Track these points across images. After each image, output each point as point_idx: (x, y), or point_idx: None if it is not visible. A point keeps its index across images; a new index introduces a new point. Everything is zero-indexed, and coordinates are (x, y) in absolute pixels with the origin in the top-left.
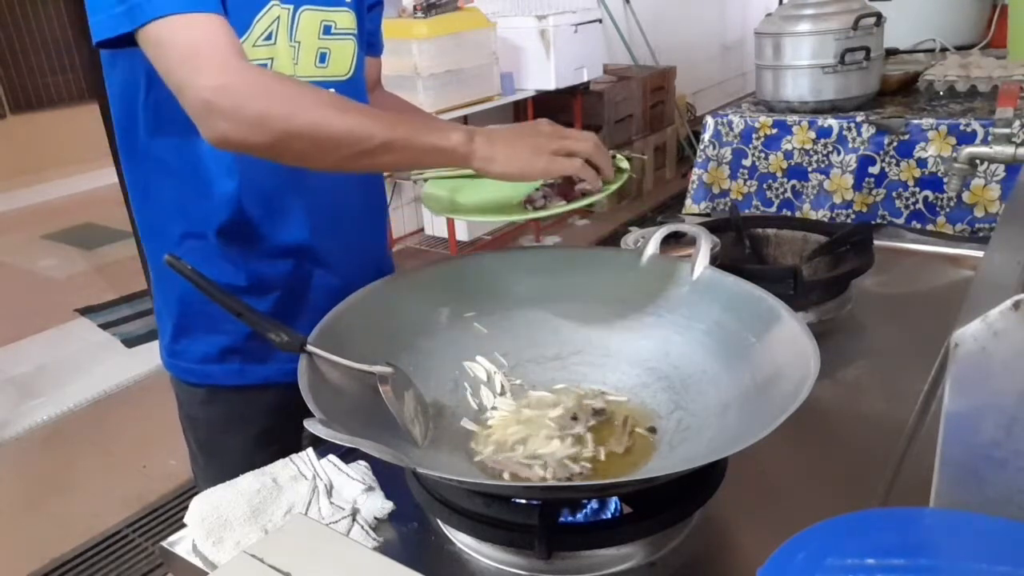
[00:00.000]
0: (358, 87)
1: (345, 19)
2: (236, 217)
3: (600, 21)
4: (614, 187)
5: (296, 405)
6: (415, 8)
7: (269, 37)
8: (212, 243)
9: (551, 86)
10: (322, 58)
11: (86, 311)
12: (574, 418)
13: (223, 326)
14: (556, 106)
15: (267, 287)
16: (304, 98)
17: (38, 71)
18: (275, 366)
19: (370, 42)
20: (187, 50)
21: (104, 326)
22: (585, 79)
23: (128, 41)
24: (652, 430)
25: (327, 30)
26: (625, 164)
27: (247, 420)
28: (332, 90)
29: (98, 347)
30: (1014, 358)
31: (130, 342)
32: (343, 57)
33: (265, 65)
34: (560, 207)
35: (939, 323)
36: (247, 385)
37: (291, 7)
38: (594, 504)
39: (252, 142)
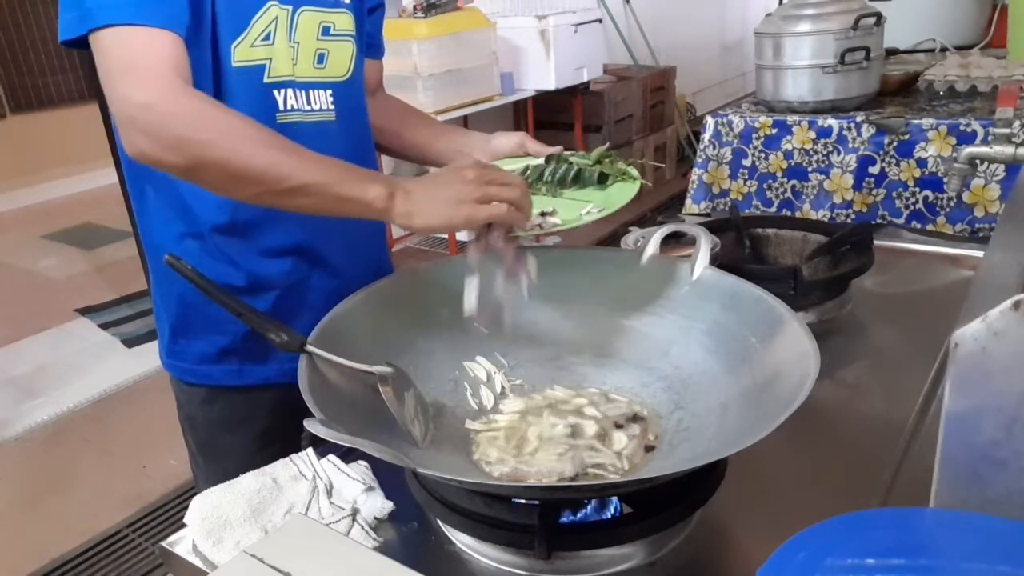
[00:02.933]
0: (356, 88)
1: (344, 20)
2: (233, 217)
3: (600, 21)
4: (627, 199)
5: (295, 405)
6: (415, 8)
7: (267, 37)
8: (210, 243)
9: (551, 86)
10: (320, 59)
11: (86, 311)
12: (619, 426)
13: (222, 326)
14: (556, 106)
15: (266, 287)
16: (228, 129)
17: (38, 71)
18: (274, 366)
19: (370, 44)
20: (124, 63)
21: (104, 326)
22: (585, 79)
23: (87, 45)
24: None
25: (326, 31)
26: (635, 173)
27: (246, 420)
28: (330, 91)
29: (98, 347)
30: (1014, 358)
31: (130, 342)
32: (342, 58)
33: (263, 66)
34: (567, 224)
35: (939, 323)
36: (246, 385)
37: (290, 8)
38: (594, 504)
39: (166, 162)
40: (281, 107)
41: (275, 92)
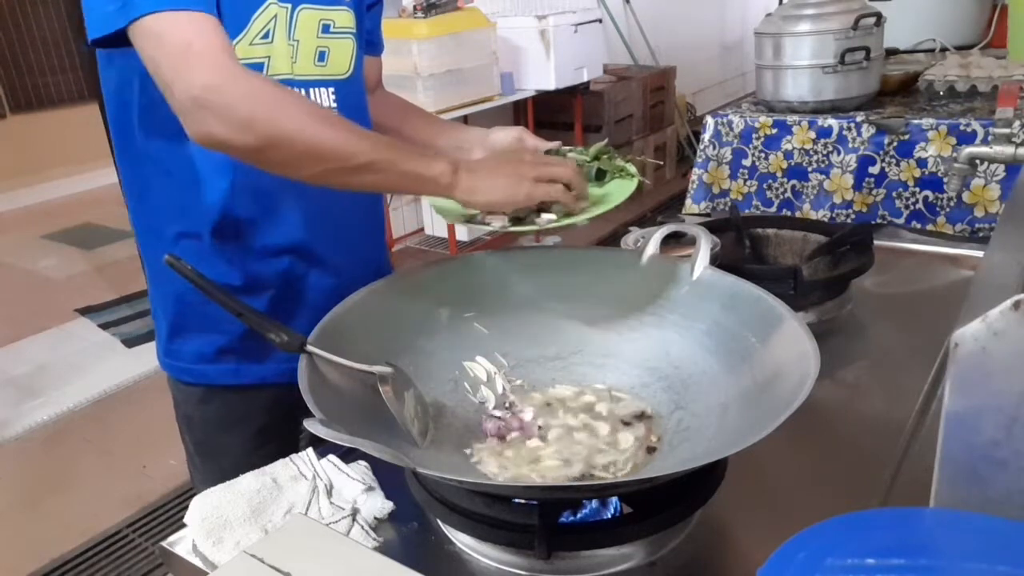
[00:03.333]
0: (357, 86)
1: (344, 18)
2: (230, 216)
3: (600, 21)
4: (625, 196)
5: (293, 405)
6: (415, 8)
7: (266, 35)
8: (207, 243)
9: (551, 86)
10: (321, 56)
11: (86, 311)
12: (625, 424)
13: (219, 326)
14: (556, 106)
15: (263, 286)
16: (296, 107)
17: (38, 71)
18: (271, 366)
19: (370, 41)
20: (179, 47)
21: (104, 326)
22: (585, 79)
23: (122, 40)
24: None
25: (326, 29)
26: (633, 170)
27: (243, 420)
28: (332, 89)
29: (98, 347)
30: (1014, 358)
31: (130, 342)
32: (342, 56)
33: (262, 64)
34: (571, 219)
35: (939, 323)
36: (243, 385)
37: (289, 6)
38: (594, 504)
39: (237, 143)
40: None
41: None
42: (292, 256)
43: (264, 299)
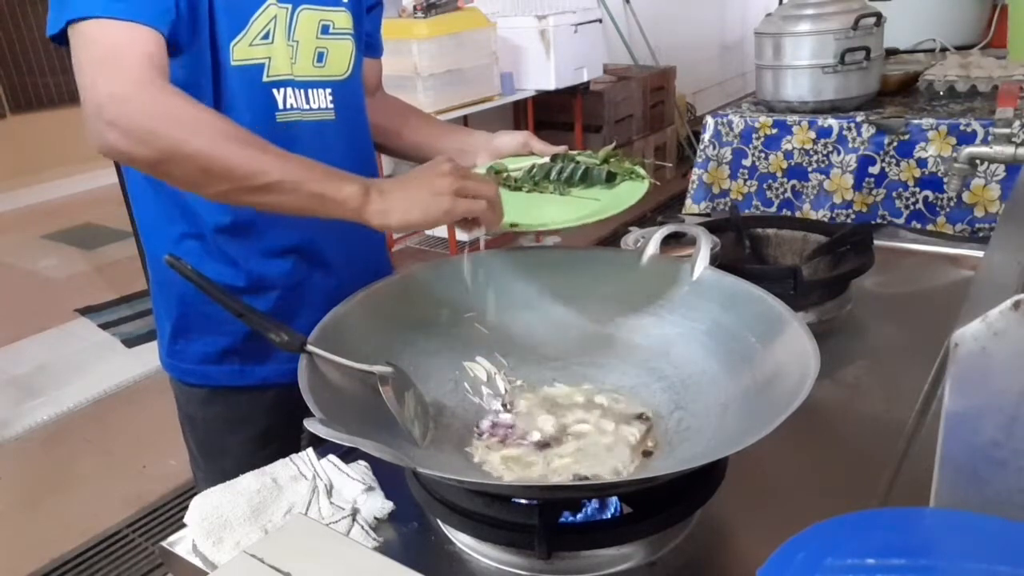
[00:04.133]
0: (355, 87)
1: (343, 19)
2: (235, 217)
3: (600, 21)
4: (637, 198)
5: (295, 405)
6: (415, 8)
7: (266, 36)
8: (211, 244)
9: (551, 86)
10: (320, 57)
11: (86, 311)
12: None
13: (222, 327)
14: (556, 106)
15: (266, 287)
16: (200, 124)
17: (38, 71)
18: (274, 367)
19: (369, 43)
20: (100, 53)
21: (104, 326)
22: (585, 79)
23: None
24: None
25: (325, 30)
26: (643, 172)
27: (246, 420)
28: (329, 89)
29: (98, 347)
30: (1014, 358)
31: (130, 342)
32: (341, 57)
33: (262, 65)
34: (580, 219)
35: (939, 323)
36: (246, 386)
37: (289, 6)
38: (594, 504)
39: (136, 155)
40: (280, 106)
41: (274, 91)
42: (296, 257)
43: (268, 300)
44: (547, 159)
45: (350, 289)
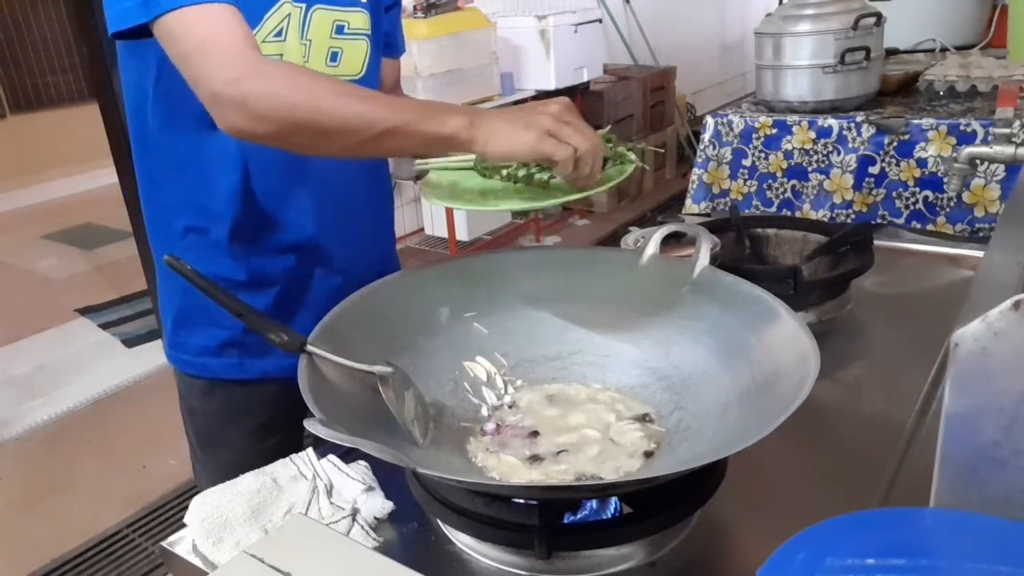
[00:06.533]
0: (371, 87)
1: (359, 19)
2: (240, 212)
3: (600, 21)
4: (620, 180)
5: (295, 400)
6: (415, 8)
7: (279, 34)
8: (214, 238)
9: (551, 86)
10: (333, 57)
11: (86, 311)
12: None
13: (222, 320)
14: None
15: (267, 283)
16: (310, 89)
17: (38, 71)
18: (274, 361)
19: (388, 43)
20: (199, 43)
21: (104, 326)
22: (585, 79)
23: (143, 32)
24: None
25: (339, 30)
26: (632, 157)
27: (245, 413)
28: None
29: (98, 347)
30: (1014, 358)
31: (130, 342)
32: (355, 57)
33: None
34: (558, 198)
35: (939, 323)
36: (245, 379)
37: (303, 6)
38: (594, 504)
39: (260, 133)
40: None
41: None
42: (299, 254)
43: (269, 296)
44: None
45: (355, 287)
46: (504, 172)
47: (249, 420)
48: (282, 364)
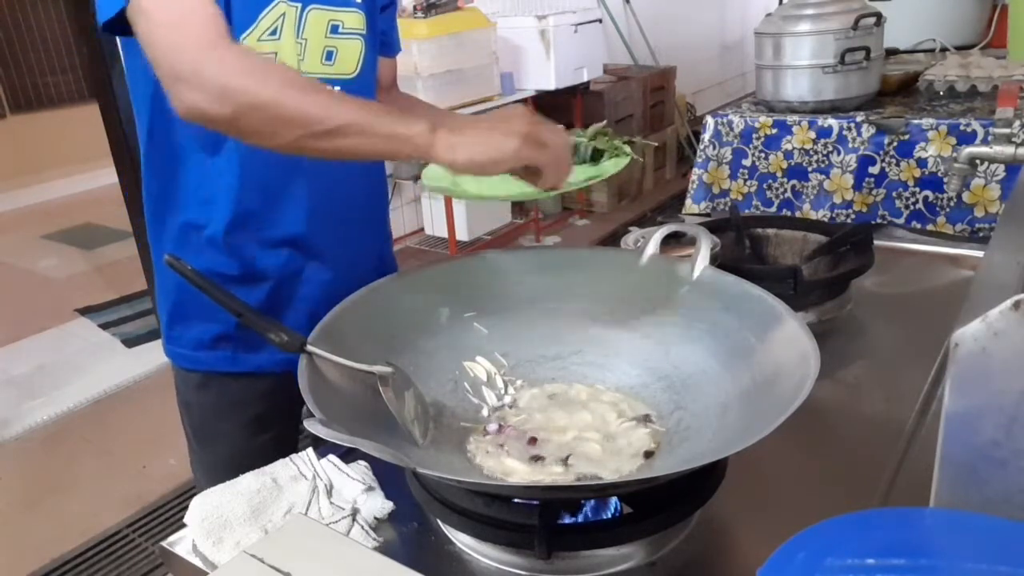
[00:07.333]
0: (365, 86)
1: (354, 19)
2: (234, 209)
3: (600, 21)
4: (616, 171)
5: (289, 394)
6: (415, 8)
7: (274, 32)
8: (209, 234)
9: (551, 86)
10: (328, 56)
11: (86, 311)
12: (627, 424)
13: (216, 314)
14: (556, 106)
15: (260, 277)
16: (269, 76)
17: (38, 71)
18: (268, 355)
19: (384, 42)
20: (167, 24)
21: (104, 326)
22: (585, 79)
23: (127, 24)
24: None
25: (334, 29)
26: (628, 150)
27: (239, 406)
28: (338, 88)
29: (98, 347)
30: (1014, 358)
31: (130, 342)
32: (350, 56)
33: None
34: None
35: (939, 323)
36: (239, 372)
37: (299, 5)
38: (594, 504)
39: (213, 113)
40: None
41: None
42: (291, 249)
43: (262, 291)
44: None
45: (347, 283)
46: None
47: (243, 413)
48: (276, 358)
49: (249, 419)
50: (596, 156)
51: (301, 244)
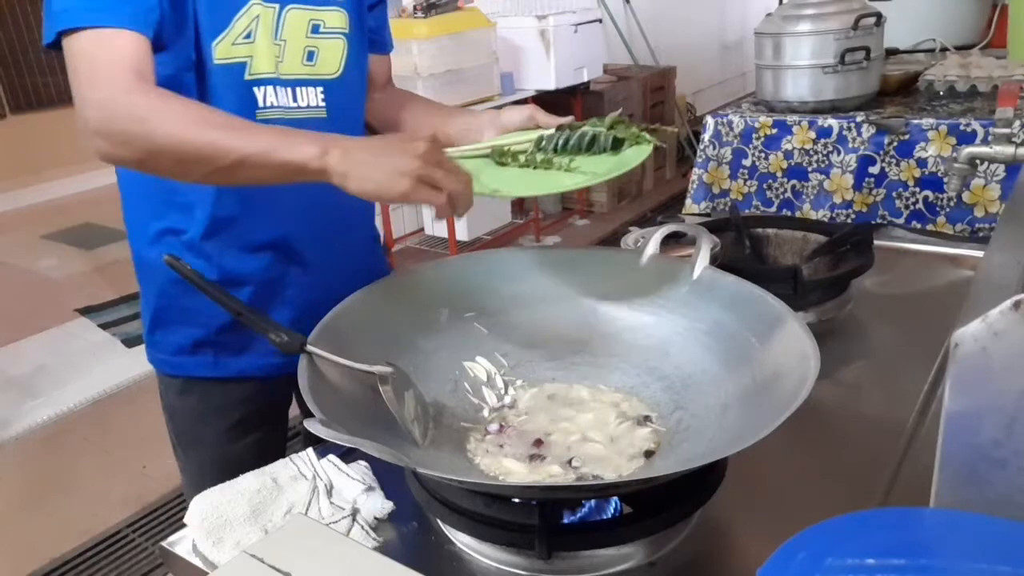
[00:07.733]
0: (348, 86)
1: (335, 18)
2: (213, 212)
3: (600, 21)
4: (641, 160)
5: (271, 398)
6: (415, 8)
7: (248, 36)
8: (187, 240)
9: (551, 86)
10: (310, 56)
11: (86, 311)
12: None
13: (197, 319)
14: (556, 106)
15: (239, 282)
16: (168, 116)
17: (38, 71)
18: (249, 360)
19: (375, 40)
20: (85, 64)
21: (104, 326)
22: (585, 79)
23: None
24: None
25: (315, 29)
26: (649, 137)
27: (221, 411)
28: (320, 88)
29: (98, 347)
30: (1014, 358)
31: (130, 342)
32: (332, 56)
33: (244, 64)
34: (582, 181)
35: (939, 323)
36: (220, 377)
37: (276, 6)
38: (594, 504)
39: (121, 157)
40: (260, 104)
41: (255, 89)
42: (272, 253)
43: (242, 295)
44: (553, 130)
45: (331, 287)
46: (522, 159)
47: (225, 418)
48: (258, 363)
49: (231, 424)
50: (616, 145)
51: (282, 247)
